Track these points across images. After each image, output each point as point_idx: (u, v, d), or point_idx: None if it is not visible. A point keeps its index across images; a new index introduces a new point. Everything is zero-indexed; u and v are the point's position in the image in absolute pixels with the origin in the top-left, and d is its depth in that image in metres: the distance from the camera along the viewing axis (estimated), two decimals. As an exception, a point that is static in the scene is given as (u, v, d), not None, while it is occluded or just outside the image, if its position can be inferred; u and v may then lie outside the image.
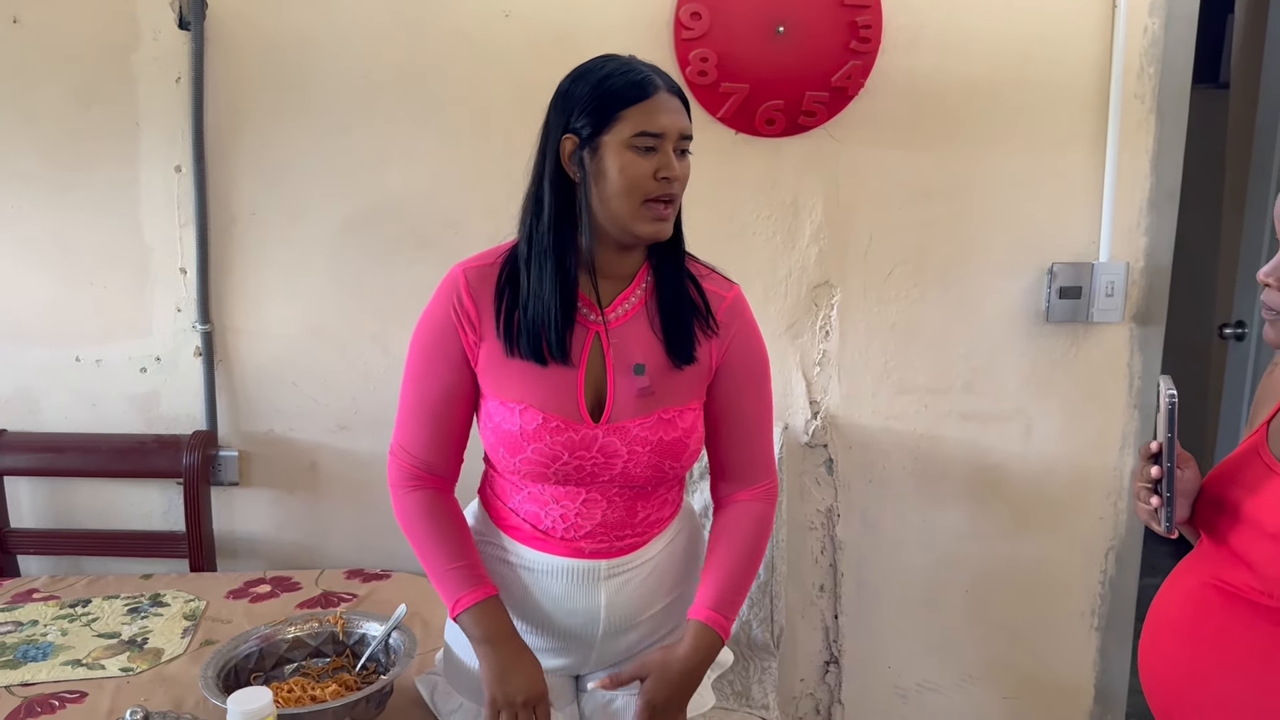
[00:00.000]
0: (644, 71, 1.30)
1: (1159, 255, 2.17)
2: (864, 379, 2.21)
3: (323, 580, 2.05)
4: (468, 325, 1.36)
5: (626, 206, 1.29)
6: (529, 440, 1.33)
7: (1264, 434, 1.27)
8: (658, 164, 1.28)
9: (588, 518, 1.38)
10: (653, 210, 1.30)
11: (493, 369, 1.36)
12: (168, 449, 2.12)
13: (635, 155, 1.27)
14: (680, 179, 1.31)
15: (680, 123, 1.30)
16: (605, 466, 1.35)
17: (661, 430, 1.36)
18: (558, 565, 1.40)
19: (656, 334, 1.37)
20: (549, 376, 1.34)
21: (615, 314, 1.37)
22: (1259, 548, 1.18)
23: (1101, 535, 2.30)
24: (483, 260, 1.40)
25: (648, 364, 1.36)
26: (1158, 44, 2.08)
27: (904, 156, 2.11)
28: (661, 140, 1.28)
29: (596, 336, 1.36)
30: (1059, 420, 2.24)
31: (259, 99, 2.06)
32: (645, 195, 1.29)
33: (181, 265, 2.12)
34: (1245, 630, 1.18)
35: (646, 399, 1.36)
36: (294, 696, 1.47)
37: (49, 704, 1.58)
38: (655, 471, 1.37)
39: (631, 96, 1.27)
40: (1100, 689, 2.38)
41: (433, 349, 1.38)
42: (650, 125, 1.27)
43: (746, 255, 2.14)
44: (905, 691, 2.37)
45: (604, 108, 1.27)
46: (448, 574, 1.37)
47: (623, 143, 1.27)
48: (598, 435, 1.34)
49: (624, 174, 1.27)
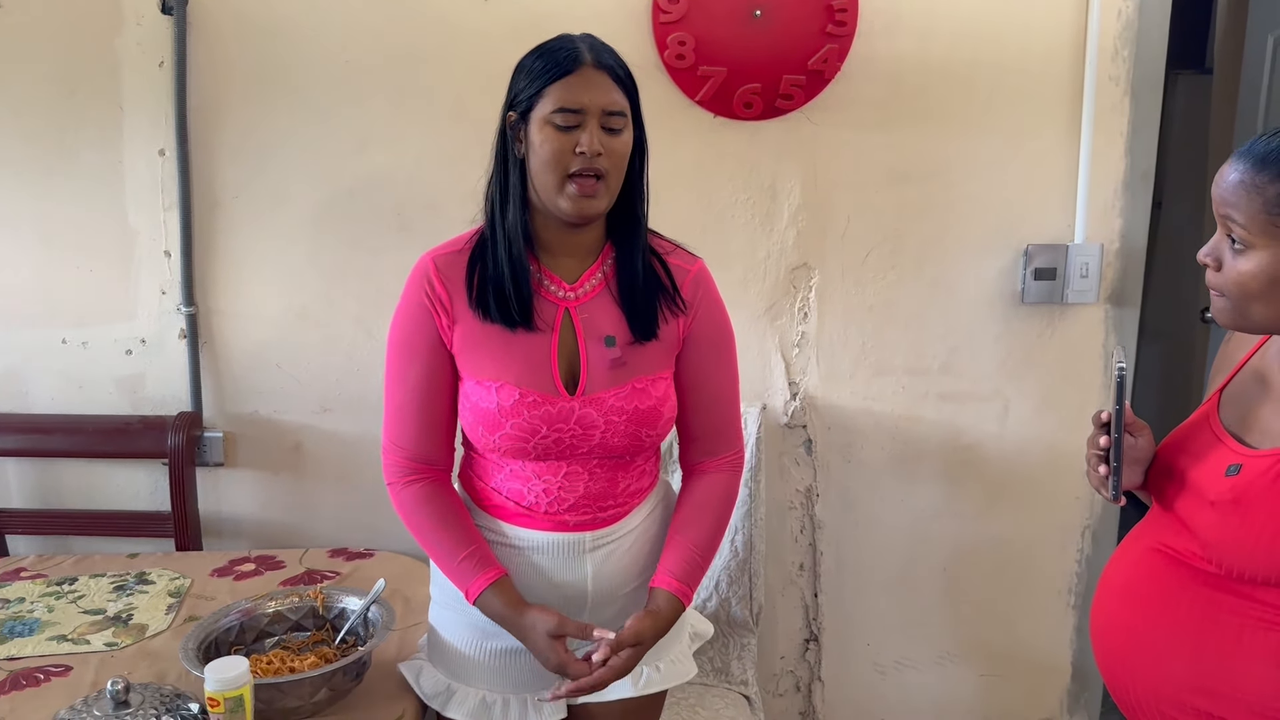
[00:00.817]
0: (573, 48, 1.31)
1: (1133, 237, 2.19)
2: (842, 360, 2.24)
3: (307, 559, 2.08)
4: (440, 309, 1.39)
5: (549, 181, 1.31)
6: (507, 416, 1.36)
7: (1215, 403, 1.30)
8: (576, 139, 1.29)
9: (570, 490, 1.41)
10: (577, 186, 1.31)
11: (468, 349, 1.39)
12: (153, 430, 2.15)
13: (554, 131, 1.29)
14: (609, 154, 1.31)
15: (604, 99, 1.30)
16: (583, 438, 1.38)
17: (636, 399, 1.39)
18: (543, 540, 1.43)
19: (621, 309, 1.41)
20: (523, 353, 1.37)
21: (583, 289, 1.41)
22: (1201, 515, 1.21)
23: (1077, 514, 2.33)
24: (451, 247, 1.43)
25: (617, 337, 1.39)
26: (1131, 27, 2.10)
27: (881, 139, 2.13)
28: (582, 116, 1.29)
29: (567, 312, 1.39)
30: (1035, 400, 2.26)
31: (241, 83, 2.08)
32: (565, 170, 1.30)
33: (166, 248, 2.14)
34: (1184, 593, 1.21)
35: (619, 370, 1.39)
36: (273, 668, 1.51)
37: (34, 677, 1.61)
38: (633, 440, 1.40)
39: (554, 73, 1.29)
40: (1077, 666, 2.41)
41: (410, 339, 1.41)
42: (568, 101, 1.29)
43: (725, 238, 2.16)
44: (884, 668, 2.40)
45: (531, 84, 1.31)
46: (458, 564, 1.40)
47: (544, 118, 1.30)
48: (574, 407, 1.37)
49: (543, 149, 1.30)
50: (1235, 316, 1.20)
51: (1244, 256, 1.16)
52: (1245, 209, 1.14)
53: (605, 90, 1.31)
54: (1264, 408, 1.24)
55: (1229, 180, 1.17)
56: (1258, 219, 1.13)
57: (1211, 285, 1.22)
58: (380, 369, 2.14)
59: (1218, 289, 1.21)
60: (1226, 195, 1.17)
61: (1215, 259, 1.20)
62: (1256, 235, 1.14)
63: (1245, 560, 1.15)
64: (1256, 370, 1.28)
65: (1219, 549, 1.18)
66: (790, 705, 2.43)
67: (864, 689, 2.42)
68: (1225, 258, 1.19)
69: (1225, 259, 1.19)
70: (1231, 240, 1.17)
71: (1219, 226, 1.20)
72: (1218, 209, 1.19)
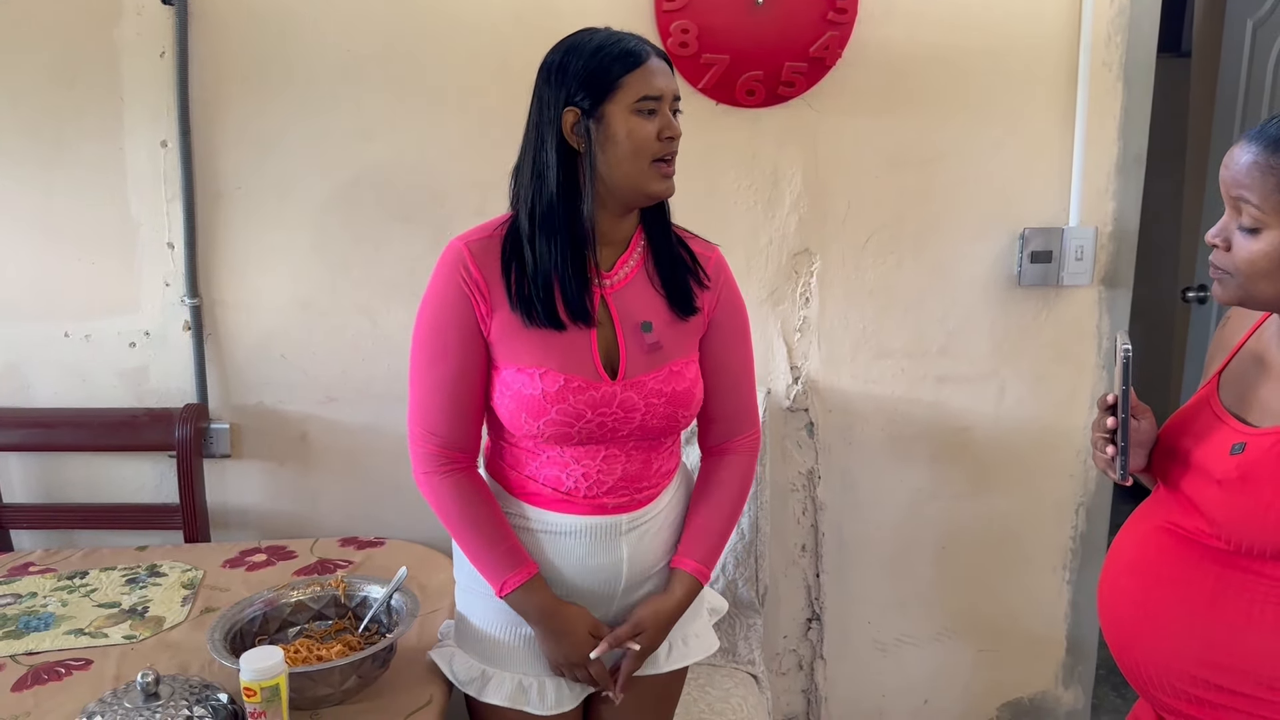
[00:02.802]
0: (634, 39, 1.37)
1: (1126, 219, 2.24)
2: (843, 344, 2.27)
3: (318, 548, 2.09)
4: (479, 295, 1.39)
5: (636, 168, 1.36)
6: (552, 403, 1.38)
7: (1215, 385, 1.34)
8: (660, 124, 1.35)
9: (609, 473, 1.44)
10: (660, 169, 1.37)
11: (506, 339, 1.40)
12: (159, 423, 2.14)
13: (640, 119, 1.34)
14: (678, 136, 1.39)
15: (673, 85, 1.38)
16: (625, 421, 1.41)
17: (673, 382, 1.43)
18: (581, 525, 1.45)
19: (658, 291, 1.45)
20: (564, 340, 1.39)
21: (617, 277, 1.44)
22: (1208, 493, 1.25)
23: (1072, 492, 2.38)
24: (482, 233, 1.44)
25: (653, 321, 1.43)
26: (1124, 13, 2.14)
27: (880, 125, 2.16)
28: (660, 103, 1.35)
29: (603, 300, 1.42)
30: (1031, 381, 2.31)
31: (243, 73, 2.07)
32: (653, 155, 1.36)
33: (169, 240, 2.13)
34: (1196, 570, 1.25)
35: (655, 354, 1.43)
36: (300, 657, 1.52)
37: (55, 671, 1.61)
38: (669, 421, 1.44)
39: (629, 64, 1.34)
40: (1072, 640, 2.47)
41: (444, 325, 1.41)
42: (649, 89, 1.34)
43: (728, 224, 2.18)
44: (884, 645, 2.45)
45: (604, 77, 1.33)
46: (492, 558, 1.43)
47: (627, 108, 1.34)
48: (616, 392, 1.40)
49: (632, 137, 1.34)
50: (1241, 294, 1.23)
51: (1257, 237, 1.19)
52: (1260, 189, 1.17)
53: (670, 78, 1.38)
54: (1263, 387, 1.27)
55: (1241, 162, 1.19)
56: (1271, 199, 1.17)
57: (1218, 265, 1.24)
58: (386, 357, 2.19)
59: (1225, 269, 1.23)
60: (1239, 177, 1.19)
61: (1225, 239, 1.23)
62: (1271, 215, 1.17)
63: (1254, 536, 1.18)
64: (1254, 352, 1.32)
65: (1228, 526, 1.21)
66: (793, 683, 2.47)
67: (865, 666, 2.46)
68: (1235, 238, 1.22)
69: (1235, 239, 1.22)
70: (1241, 221, 1.21)
71: (1229, 208, 1.23)
72: (1229, 191, 1.21)
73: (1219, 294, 1.26)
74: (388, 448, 2.21)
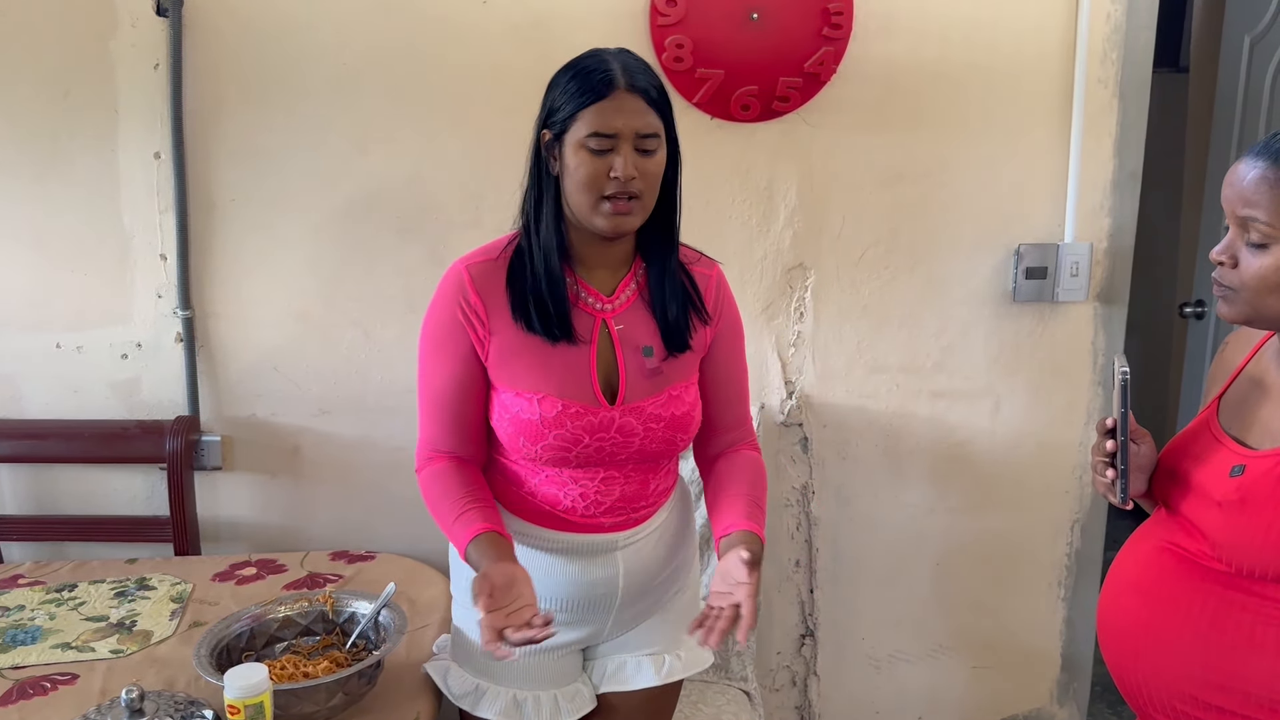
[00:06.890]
0: (608, 70, 1.31)
1: (1122, 236, 2.24)
2: (837, 359, 2.26)
3: (308, 562, 2.08)
4: (476, 321, 1.39)
5: (584, 201, 1.32)
6: (550, 428, 1.37)
7: (1215, 409, 1.33)
8: (610, 164, 1.30)
9: (607, 494, 1.44)
10: (612, 206, 1.32)
11: (505, 362, 1.39)
12: (150, 435, 2.13)
13: (589, 155, 1.30)
14: (642, 176, 1.32)
15: (637, 122, 1.31)
16: (623, 445, 1.40)
17: (672, 406, 1.42)
18: (578, 541, 1.45)
19: (656, 321, 1.43)
20: (561, 364, 1.38)
21: (618, 301, 1.43)
22: (1208, 515, 1.24)
23: (1067, 509, 2.37)
24: (485, 255, 1.43)
25: (654, 346, 1.42)
26: (1120, 30, 2.14)
27: (875, 141, 2.16)
28: (615, 140, 1.30)
29: (604, 323, 1.41)
30: (1026, 397, 2.30)
31: (238, 85, 2.07)
32: (599, 193, 1.31)
33: (162, 251, 2.12)
34: (1197, 591, 1.24)
35: (655, 378, 1.41)
36: (287, 673, 1.51)
37: (40, 686, 1.60)
38: (668, 445, 1.43)
39: (588, 98, 1.29)
40: (1066, 658, 2.46)
41: (441, 346, 1.42)
42: (602, 127, 1.29)
43: (723, 239, 2.18)
44: (878, 662, 2.44)
45: (565, 106, 1.31)
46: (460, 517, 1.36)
47: (578, 142, 1.30)
48: (615, 417, 1.39)
49: (578, 172, 1.31)
50: (1249, 311, 1.22)
51: (1266, 252, 1.18)
52: (1268, 205, 1.16)
53: (639, 114, 1.31)
54: (1263, 409, 1.27)
55: (1248, 178, 1.18)
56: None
57: (1224, 282, 1.24)
58: (379, 370, 2.18)
59: (1231, 285, 1.23)
60: (1246, 194, 1.18)
61: (1231, 256, 1.22)
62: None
63: (1255, 558, 1.18)
64: (1253, 375, 1.32)
65: (1229, 548, 1.21)
66: (786, 700, 2.46)
67: (859, 682, 2.45)
68: (1242, 254, 1.21)
69: (1242, 256, 1.21)
70: (1249, 237, 1.20)
71: (1233, 225, 1.22)
72: (1234, 208, 1.20)
73: (1224, 312, 1.25)
74: (380, 461, 2.21)
